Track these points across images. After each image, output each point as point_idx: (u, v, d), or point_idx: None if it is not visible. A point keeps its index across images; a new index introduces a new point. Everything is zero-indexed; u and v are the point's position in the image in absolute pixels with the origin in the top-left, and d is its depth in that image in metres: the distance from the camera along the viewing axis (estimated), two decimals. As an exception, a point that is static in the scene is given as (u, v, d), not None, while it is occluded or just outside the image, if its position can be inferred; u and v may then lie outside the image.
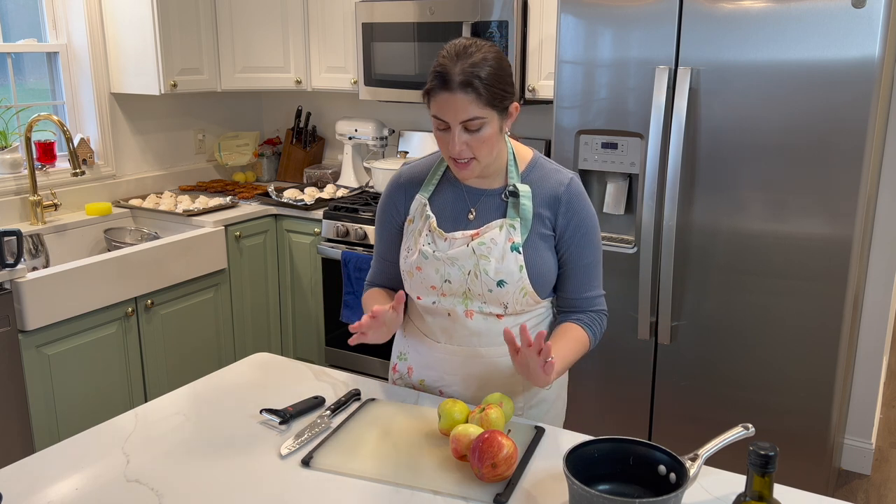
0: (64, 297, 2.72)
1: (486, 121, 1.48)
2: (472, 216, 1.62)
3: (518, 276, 1.57)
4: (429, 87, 1.49)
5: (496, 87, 1.47)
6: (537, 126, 3.57)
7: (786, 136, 2.34)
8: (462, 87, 1.44)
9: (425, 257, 1.61)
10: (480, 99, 1.45)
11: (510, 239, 1.57)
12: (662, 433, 2.73)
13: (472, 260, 1.57)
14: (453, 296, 1.61)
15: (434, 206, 1.64)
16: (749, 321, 2.49)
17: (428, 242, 1.61)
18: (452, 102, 1.45)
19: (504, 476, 1.30)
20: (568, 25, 2.62)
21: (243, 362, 1.85)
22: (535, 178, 1.62)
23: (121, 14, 3.45)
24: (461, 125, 1.47)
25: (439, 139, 1.52)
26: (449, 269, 1.59)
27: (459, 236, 1.59)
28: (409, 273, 1.65)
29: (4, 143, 3.26)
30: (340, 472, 1.36)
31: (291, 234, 3.65)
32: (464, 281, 1.59)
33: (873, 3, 2.14)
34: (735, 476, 1.35)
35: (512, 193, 1.59)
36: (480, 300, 1.60)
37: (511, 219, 1.58)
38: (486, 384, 1.67)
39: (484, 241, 1.57)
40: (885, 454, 3.24)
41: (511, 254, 1.57)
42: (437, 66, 1.48)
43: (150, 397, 3.12)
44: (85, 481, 1.34)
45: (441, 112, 1.47)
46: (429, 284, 1.62)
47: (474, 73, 1.44)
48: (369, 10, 3.42)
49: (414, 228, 1.65)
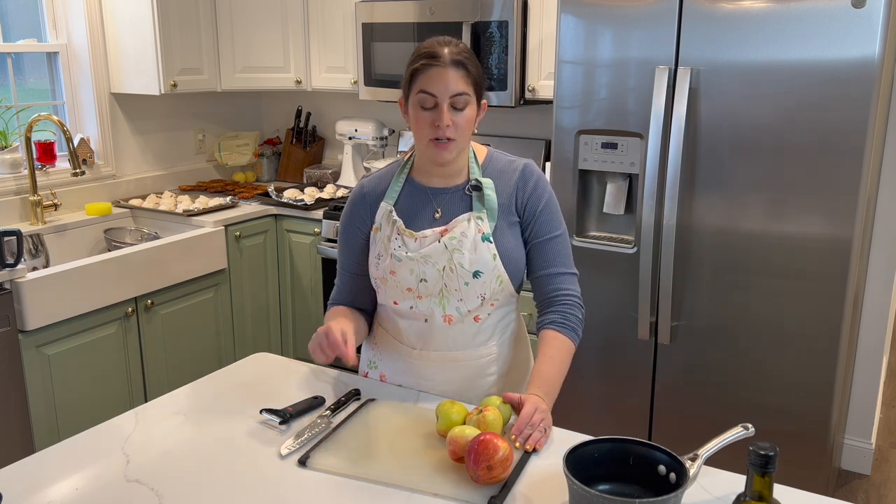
0: (64, 297, 2.72)
1: (470, 101, 1.55)
2: (437, 215, 1.64)
3: (493, 265, 1.60)
4: (417, 65, 1.53)
5: (479, 71, 1.57)
6: (537, 126, 3.57)
7: (786, 136, 2.33)
8: (454, 64, 1.52)
9: (398, 260, 1.62)
10: (469, 77, 1.54)
11: (479, 230, 1.60)
12: (662, 433, 2.73)
13: (445, 255, 1.59)
14: (430, 296, 1.62)
15: (399, 211, 1.66)
16: (749, 321, 2.49)
17: (398, 245, 1.62)
18: (444, 76, 1.51)
19: (500, 478, 1.30)
20: (568, 25, 2.62)
21: (243, 362, 1.85)
22: (494, 169, 1.66)
23: (121, 14, 3.45)
24: (449, 101, 1.51)
25: (421, 120, 1.54)
26: (423, 268, 1.60)
27: (430, 233, 1.61)
28: (383, 279, 1.65)
29: (4, 143, 3.26)
30: (337, 472, 1.36)
31: (291, 234, 3.65)
32: (439, 278, 1.60)
33: (873, 3, 2.14)
34: (735, 476, 1.35)
35: (475, 187, 1.62)
36: (457, 296, 1.61)
37: (478, 211, 1.61)
38: (465, 388, 1.69)
39: (454, 235, 1.59)
40: (885, 454, 3.24)
41: (483, 244, 1.59)
42: (423, 49, 1.54)
43: (150, 397, 3.12)
44: (85, 481, 1.34)
45: (431, 85, 1.51)
46: (404, 287, 1.63)
47: (462, 54, 1.54)
48: (369, 10, 3.41)
49: (382, 235, 1.65)
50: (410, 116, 1.58)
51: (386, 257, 1.63)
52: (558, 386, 1.58)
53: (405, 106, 1.60)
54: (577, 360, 2.78)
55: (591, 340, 2.78)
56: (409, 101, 1.57)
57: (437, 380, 1.69)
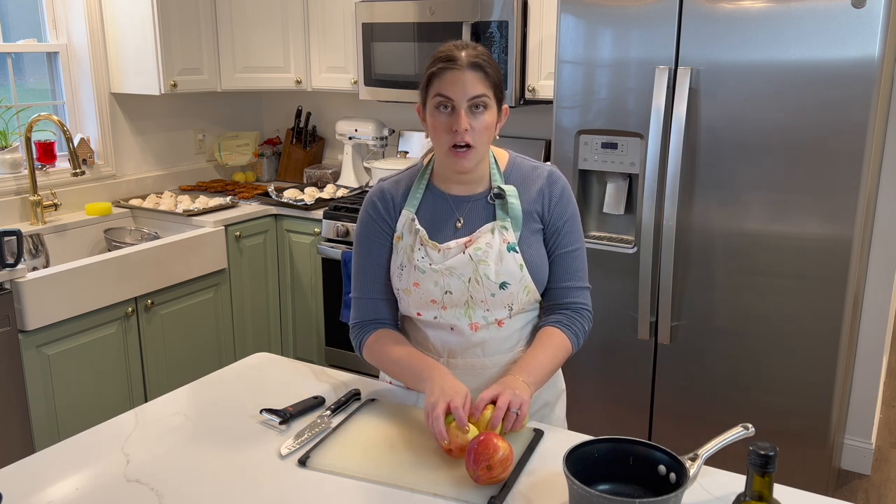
0: (64, 297, 2.72)
1: (490, 104, 1.50)
2: (459, 224, 1.60)
3: (520, 276, 1.57)
4: (434, 69, 1.49)
5: (498, 74, 1.53)
6: (537, 126, 3.57)
7: (786, 136, 2.33)
8: (471, 67, 1.48)
9: (422, 272, 1.57)
10: (488, 79, 1.49)
11: (504, 240, 1.56)
12: (662, 433, 2.73)
13: (470, 267, 1.55)
14: (455, 307, 1.59)
15: (421, 219, 1.61)
16: (749, 321, 2.49)
17: (422, 257, 1.58)
18: (462, 79, 1.47)
19: (499, 478, 1.30)
20: (568, 25, 2.62)
21: (243, 362, 1.85)
22: (518, 176, 1.62)
23: (121, 14, 3.45)
24: (467, 104, 1.48)
25: (438, 125, 1.50)
26: (448, 280, 1.56)
27: (453, 245, 1.57)
28: (406, 291, 1.61)
29: (4, 143, 3.26)
30: (337, 472, 1.36)
31: (291, 234, 3.65)
32: (465, 289, 1.56)
33: (873, 3, 2.14)
34: (735, 476, 1.35)
35: (498, 195, 1.58)
36: (483, 307, 1.58)
37: (502, 220, 1.57)
38: None
39: (479, 246, 1.55)
40: (885, 454, 3.24)
41: (509, 254, 1.56)
42: (441, 53, 1.50)
43: (150, 397, 3.12)
44: (85, 481, 1.34)
45: (449, 89, 1.47)
46: (429, 299, 1.59)
47: (481, 57, 1.50)
48: (369, 10, 3.42)
49: (405, 244, 1.61)
50: (428, 123, 1.53)
51: (409, 268, 1.59)
52: (544, 377, 1.54)
53: (423, 112, 1.55)
54: (577, 360, 2.78)
55: (591, 340, 2.78)
56: (427, 107, 1.52)
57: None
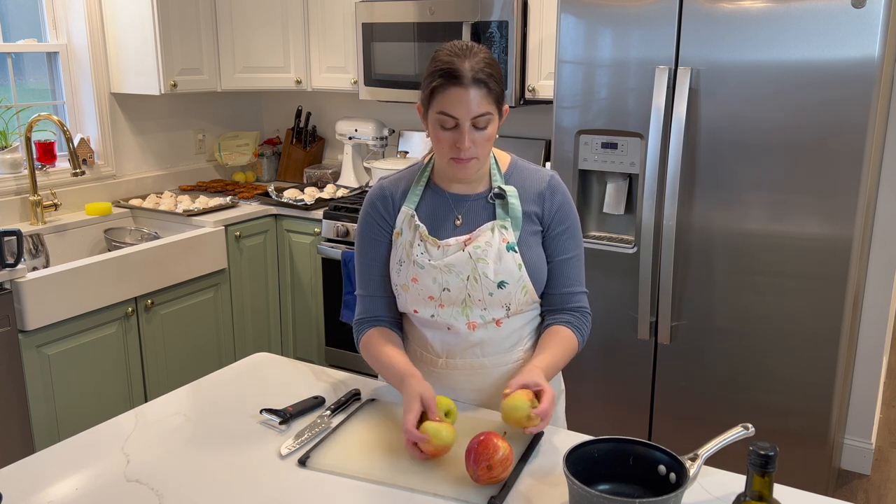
0: (64, 297, 2.72)
1: (493, 118, 1.48)
2: (458, 222, 1.60)
3: (518, 276, 1.56)
4: (435, 84, 1.45)
5: (500, 85, 1.49)
6: (537, 126, 3.57)
7: (786, 136, 2.34)
8: (475, 83, 1.43)
9: (421, 267, 1.57)
10: (491, 95, 1.45)
11: (504, 239, 1.56)
12: (662, 433, 2.73)
13: (469, 264, 1.55)
14: (452, 305, 1.58)
15: (421, 216, 1.61)
16: (749, 321, 2.49)
17: (421, 252, 1.58)
18: (466, 98, 1.43)
19: (499, 478, 1.30)
20: (568, 25, 2.62)
21: (243, 362, 1.85)
22: (518, 178, 1.62)
23: (121, 14, 3.45)
24: (470, 122, 1.45)
25: (441, 139, 1.48)
26: (447, 277, 1.56)
27: (453, 242, 1.57)
28: (405, 286, 1.61)
29: (4, 143, 3.26)
30: (337, 472, 1.36)
31: (291, 234, 3.65)
32: (463, 287, 1.56)
33: (873, 3, 2.14)
34: (735, 476, 1.35)
35: (498, 195, 1.58)
36: (481, 306, 1.58)
37: (502, 219, 1.57)
38: (496, 396, 1.63)
39: (479, 244, 1.55)
40: (885, 454, 3.24)
41: (508, 254, 1.56)
42: (443, 63, 1.45)
43: (150, 397, 3.12)
44: (85, 481, 1.34)
45: (451, 108, 1.44)
46: (426, 295, 1.59)
47: (484, 70, 1.44)
48: (369, 10, 3.42)
49: (404, 240, 1.61)
50: (430, 133, 1.52)
51: (408, 264, 1.59)
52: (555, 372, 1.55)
53: (425, 118, 1.53)
54: (577, 360, 2.78)
55: (591, 340, 2.78)
56: (429, 118, 1.51)
57: (466, 389, 1.65)
